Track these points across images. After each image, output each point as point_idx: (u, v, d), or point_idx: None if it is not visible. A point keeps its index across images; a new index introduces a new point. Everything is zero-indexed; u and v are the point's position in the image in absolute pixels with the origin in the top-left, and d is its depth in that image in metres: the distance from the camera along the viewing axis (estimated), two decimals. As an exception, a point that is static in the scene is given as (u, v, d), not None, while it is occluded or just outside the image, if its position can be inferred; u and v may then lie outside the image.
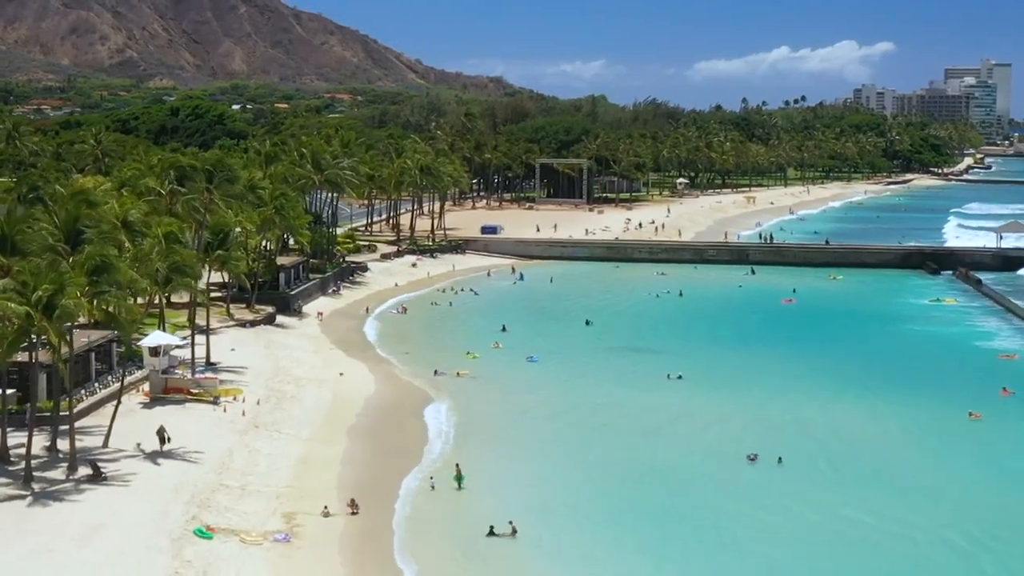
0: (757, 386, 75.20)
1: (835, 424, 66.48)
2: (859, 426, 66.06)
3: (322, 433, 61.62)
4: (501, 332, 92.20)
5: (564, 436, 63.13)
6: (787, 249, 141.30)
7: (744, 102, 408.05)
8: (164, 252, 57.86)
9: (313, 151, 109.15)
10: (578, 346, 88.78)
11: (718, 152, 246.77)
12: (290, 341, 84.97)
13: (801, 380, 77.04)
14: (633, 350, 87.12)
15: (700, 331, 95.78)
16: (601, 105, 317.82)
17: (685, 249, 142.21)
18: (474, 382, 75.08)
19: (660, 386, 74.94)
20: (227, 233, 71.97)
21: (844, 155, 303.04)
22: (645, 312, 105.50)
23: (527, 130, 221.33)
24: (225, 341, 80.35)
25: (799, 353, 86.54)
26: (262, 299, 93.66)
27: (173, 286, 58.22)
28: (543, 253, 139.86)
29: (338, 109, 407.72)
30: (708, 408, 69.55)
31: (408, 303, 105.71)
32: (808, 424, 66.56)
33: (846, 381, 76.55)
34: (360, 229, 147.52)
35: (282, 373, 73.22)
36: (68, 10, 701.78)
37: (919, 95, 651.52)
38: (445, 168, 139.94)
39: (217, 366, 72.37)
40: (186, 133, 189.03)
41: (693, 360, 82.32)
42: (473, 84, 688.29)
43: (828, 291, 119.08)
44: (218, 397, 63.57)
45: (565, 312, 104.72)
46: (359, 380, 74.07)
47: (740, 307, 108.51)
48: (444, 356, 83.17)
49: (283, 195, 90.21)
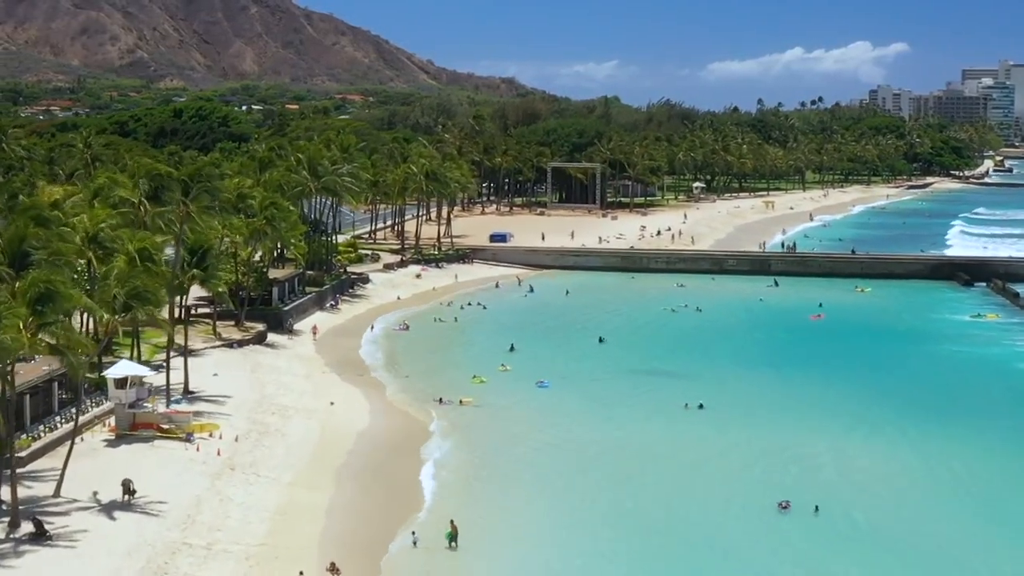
0: (786, 417, 68.61)
1: (877, 465, 59.80)
2: (904, 468, 59.39)
3: (306, 476, 55.21)
4: (509, 352, 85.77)
5: (573, 481, 56.53)
6: (811, 259, 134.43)
7: (760, 103, 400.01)
8: (123, 276, 51.39)
9: (310, 157, 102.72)
10: (591, 368, 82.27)
11: (735, 155, 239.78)
12: (280, 363, 78.58)
13: (836, 410, 70.40)
14: (650, 373, 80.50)
15: (721, 351, 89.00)
16: (614, 106, 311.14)
17: (704, 259, 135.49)
18: (479, 413, 68.56)
19: (679, 417, 68.38)
20: (207, 249, 65.51)
21: (864, 158, 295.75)
22: (662, 329, 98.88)
23: (538, 132, 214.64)
24: (208, 364, 74.12)
25: (831, 378, 79.72)
26: (253, 316, 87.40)
27: (133, 314, 51.92)
28: (554, 263, 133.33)
29: (349, 110, 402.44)
30: (733, 444, 62.97)
31: (411, 319, 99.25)
32: (846, 464, 59.98)
33: (887, 412, 69.85)
34: (364, 236, 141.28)
35: (267, 402, 66.83)
36: (78, 10, 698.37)
37: (936, 96, 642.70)
38: (452, 173, 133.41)
39: (196, 395, 66.10)
40: (186, 136, 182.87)
41: (714, 386, 75.80)
42: (485, 85, 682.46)
43: (857, 305, 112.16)
44: (191, 433, 57.20)
45: (577, 328, 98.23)
46: (352, 410, 67.66)
47: (764, 324, 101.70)
48: (448, 380, 76.89)
49: (274, 204, 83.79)
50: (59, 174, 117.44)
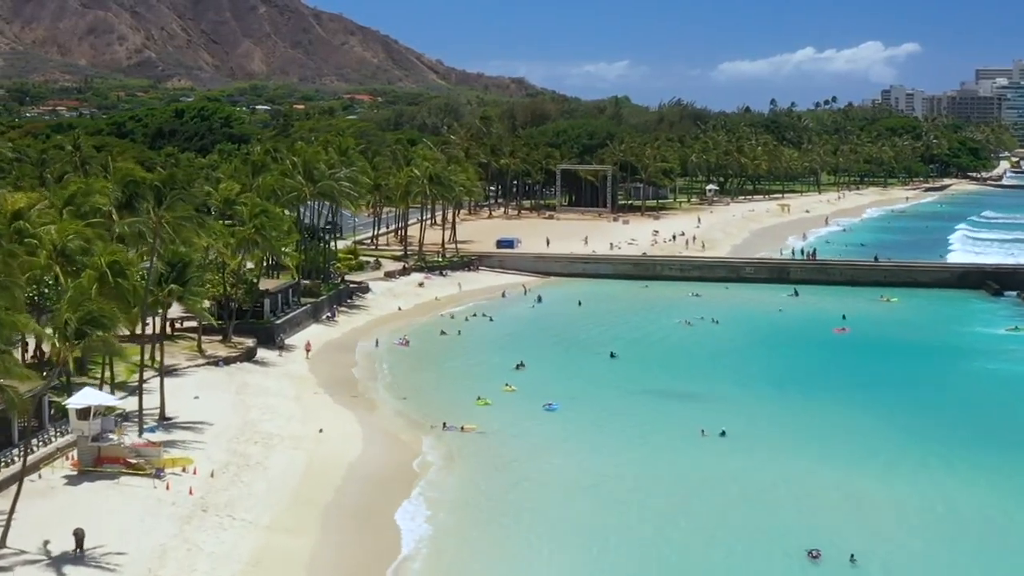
0: (815, 447, 62.89)
1: (921, 503, 54.13)
2: (953, 508, 53.64)
3: (287, 518, 49.72)
4: (515, 370, 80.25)
5: (581, 524, 50.84)
6: (832, 267, 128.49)
7: (773, 103, 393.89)
8: (76, 300, 45.98)
9: (305, 160, 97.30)
10: (602, 388, 76.65)
11: (749, 157, 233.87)
12: (268, 383, 73.11)
13: (869, 439, 64.64)
14: (664, 395, 74.79)
15: (741, 369, 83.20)
16: (625, 106, 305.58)
17: (720, 266, 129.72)
18: (482, 441, 62.97)
19: (697, 446, 62.73)
20: (186, 263, 60.09)
21: (880, 159, 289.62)
22: (677, 343, 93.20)
23: (548, 133, 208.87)
24: (190, 385, 68.82)
25: (862, 400, 73.87)
26: (242, 330, 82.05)
27: (88, 342, 46.53)
28: (564, 270, 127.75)
29: (357, 111, 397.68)
30: (756, 479, 57.27)
31: (411, 332, 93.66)
32: (884, 504, 54.19)
33: (926, 441, 64.10)
34: (365, 242, 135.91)
35: (250, 429, 61.37)
36: (86, 10, 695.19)
37: (950, 96, 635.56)
38: (457, 177, 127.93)
39: (173, 421, 60.71)
40: (184, 137, 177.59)
41: (734, 409, 70.16)
42: (495, 85, 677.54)
43: (883, 317, 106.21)
44: (161, 469, 51.78)
45: (588, 342, 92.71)
46: (343, 438, 62.11)
47: (785, 338, 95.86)
48: (450, 402, 71.55)
49: (264, 212, 78.38)
50: (47, 178, 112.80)
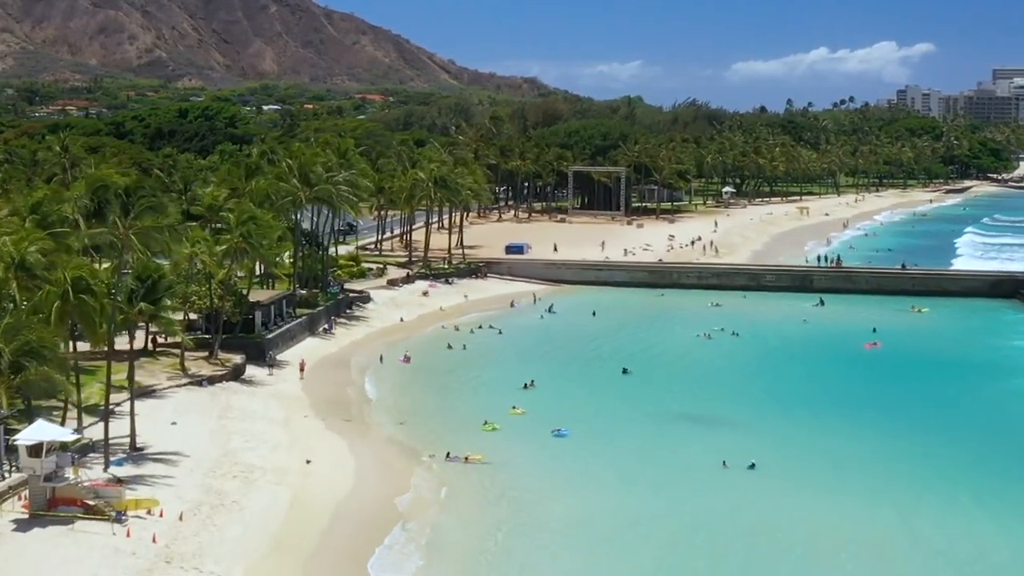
0: (856, 480, 57.01)
1: (981, 547, 48.13)
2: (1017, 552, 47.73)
3: (264, 569, 44.04)
4: (523, 390, 74.52)
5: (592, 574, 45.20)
6: (857, 275, 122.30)
7: (789, 103, 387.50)
8: (12, 328, 40.36)
9: (301, 163, 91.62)
10: (615, 411, 70.82)
11: (767, 158, 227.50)
12: (255, 406, 67.41)
13: (913, 470, 58.76)
14: (683, 418, 68.89)
15: (765, 389, 77.23)
16: (638, 106, 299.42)
17: (739, 274, 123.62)
18: (486, 473, 57.12)
19: (720, 480, 56.82)
20: (157, 278, 54.45)
21: (899, 160, 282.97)
22: (695, 359, 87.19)
23: (559, 134, 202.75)
24: (168, 408, 63.30)
25: (902, 424, 67.82)
26: (231, 345, 76.43)
27: (27, 375, 40.94)
28: (576, 278, 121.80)
29: (368, 110, 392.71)
30: (791, 520, 51.32)
31: (414, 346, 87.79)
32: (937, 549, 48.28)
33: (976, 472, 58.30)
34: (369, 247, 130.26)
35: (230, 460, 55.68)
36: (97, 9, 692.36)
37: (966, 96, 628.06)
38: (464, 179, 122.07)
39: (144, 452, 55.08)
40: (184, 137, 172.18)
41: (758, 436, 64.41)
42: (507, 85, 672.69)
43: (914, 329, 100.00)
44: (123, 511, 46.09)
45: (601, 357, 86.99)
46: (333, 470, 56.42)
47: (813, 353, 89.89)
48: (454, 426, 66.18)
49: (252, 219, 72.67)
50: (36, 181, 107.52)
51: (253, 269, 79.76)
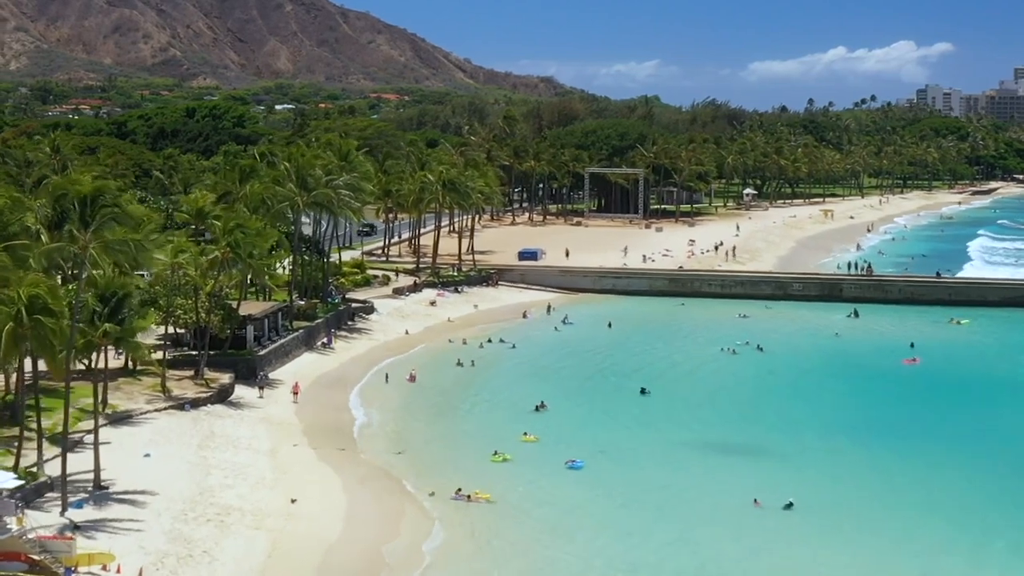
0: (898, 521, 50.78)
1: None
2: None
3: (230, 637, 38.23)
4: (536, 412, 68.62)
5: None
6: (890, 283, 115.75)
7: (810, 103, 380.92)
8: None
9: (298, 166, 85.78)
10: (634, 436, 64.84)
11: (789, 159, 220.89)
12: (240, 432, 61.55)
13: (984, 512, 52.24)
14: (707, 446, 62.60)
15: (798, 412, 70.90)
16: (655, 106, 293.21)
17: (764, 282, 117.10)
18: (491, 515, 51.01)
19: (753, 522, 50.67)
20: (123, 296, 48.66)
21: (924, 161, 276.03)
22: (720, 377, 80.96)
23: (576, 134, 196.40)
24: (143, 436, 57.54)
25: (948, 452, 61.70)
26: (220, 363, 70.67)
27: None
28: (592, 286, 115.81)
29: (383, 109, 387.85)
30: (829, 569, 45.17)
31: (419, 362, 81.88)
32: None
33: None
34: (376, 252, 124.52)
35: (205, 500, 49.80)
36: (111, 8, 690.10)
37: (988, 96, 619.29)
38: (475, 182, 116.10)
39: (109, 491, 49.27)
40: (187, 137, 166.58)
41: (796, 468, 58.49)
42: (523, 84, 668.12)
43: (955, 343, 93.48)
44: (74, 568, 40.31)
45: (618, 374, 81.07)
46: (322, 511, 50.40)
47: (847, 370, 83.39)
48: (460, 456, 60.51)
49: (240, 227, 66.80)
50: (25, 183, 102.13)
51: (244, 280, 73.84)
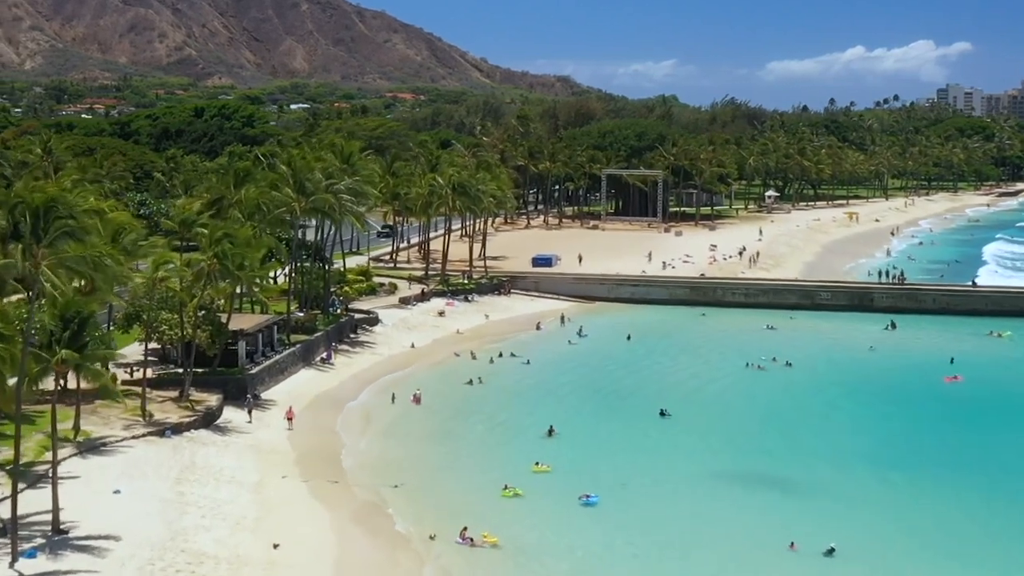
0: (955, 570, 45.18)
1: None
2: None
3: None
4: (548, 437, 63.24)
5: None
6: (924, 292, 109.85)
7: (832, 103, 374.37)
8: None
9: (297, 170, 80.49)
10: (651, 465, 59.24)
11: (812, 160, 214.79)
12: (224, 462, 56.19)
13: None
14: (733, 478, 56.96)
15: (835, 439, 65.17)
16: (674, 105, 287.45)
17: (790, 291, 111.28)
18: (496, 564, 45.64)
19: (790, 567, 45.22)
20: (83, 319, 43.43)
21: (949, 162, 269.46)
22: (746, 397, 75.23)
23: (592, 134, 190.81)
24: (115, 469, 52.21)
25: (1001, 484, 56.01)
26: (208, 382, 65.49)
27: None
28: (609, 294, 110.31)
29: (398, 109, 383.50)
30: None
31: (424, 380, 76.19)
32: None
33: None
34: (384, 258, 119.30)
35: (176, 545, 44.38)
36: (127, 7, 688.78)
37: (1011, 95, 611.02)
38: (486, 185, 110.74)
39: (68, 536, 44.00)
40: (192, 137, 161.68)
41: (836, 504, 52.91)
42: (540, 84, 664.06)
43: (998, 358, 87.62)
44: (14, 637, 35.13)
45: (635, 393, 75.63)
46: (308, 559, 44.92)
47: (885, 389, 77.42)
48: (466, 489, 55.23)
49: (227, 236, 61.52)
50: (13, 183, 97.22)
51: (234, 293, 68.60)
